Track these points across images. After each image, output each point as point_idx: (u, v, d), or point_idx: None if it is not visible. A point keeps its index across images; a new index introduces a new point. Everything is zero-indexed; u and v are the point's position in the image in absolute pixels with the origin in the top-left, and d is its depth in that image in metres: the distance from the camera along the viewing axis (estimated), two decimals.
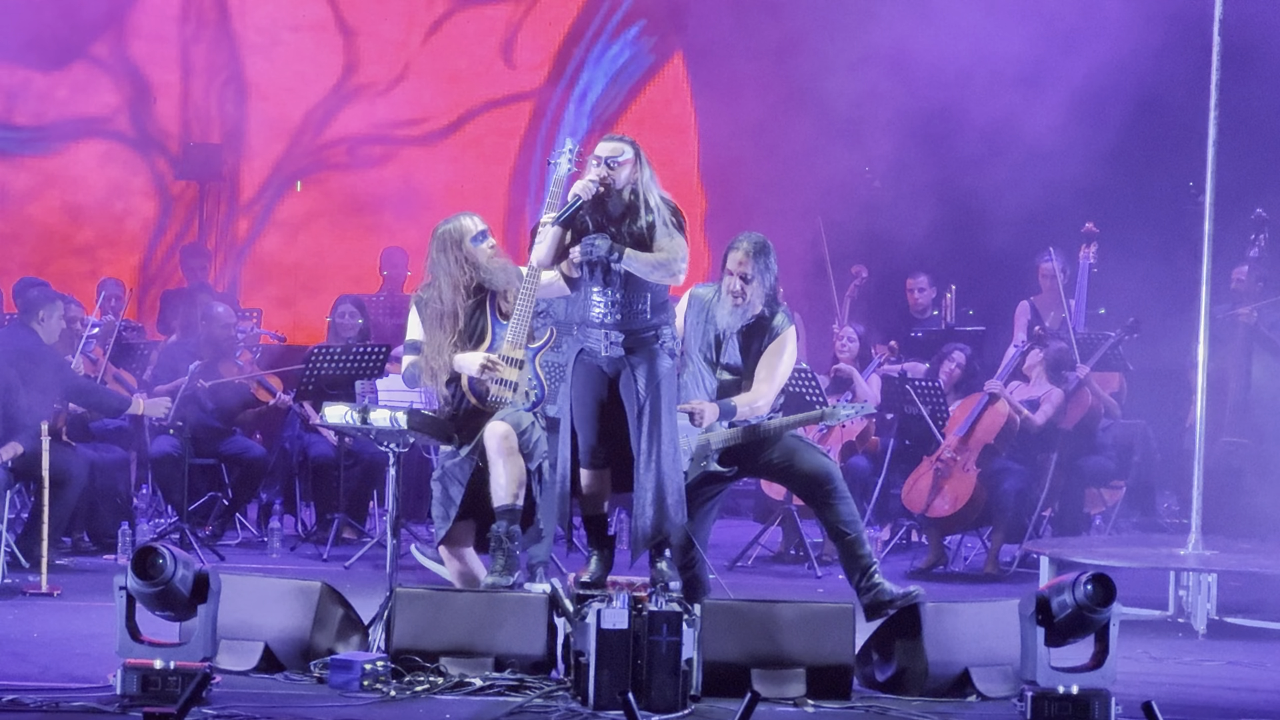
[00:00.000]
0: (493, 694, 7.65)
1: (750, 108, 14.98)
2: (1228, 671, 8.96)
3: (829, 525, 8.54)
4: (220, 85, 12.91)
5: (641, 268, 7.97)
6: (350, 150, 13.25)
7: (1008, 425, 11.95)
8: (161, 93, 12.23)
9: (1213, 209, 10.35)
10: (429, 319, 8.55)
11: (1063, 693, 7.43)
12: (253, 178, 13.17)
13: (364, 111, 13.22)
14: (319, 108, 13.21)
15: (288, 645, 8.04)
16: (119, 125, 12.62)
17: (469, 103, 13.47)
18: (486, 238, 8.56)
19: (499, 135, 13.65)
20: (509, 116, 13.72)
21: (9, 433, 10.62)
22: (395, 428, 8.39)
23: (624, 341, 8.04)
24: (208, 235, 14.30)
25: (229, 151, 13.02)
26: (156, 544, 7.44)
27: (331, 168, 13.30)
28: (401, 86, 13.27)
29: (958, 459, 11.85)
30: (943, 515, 11.79)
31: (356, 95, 13.10)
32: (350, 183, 13.18)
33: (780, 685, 7.80)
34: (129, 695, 7.29)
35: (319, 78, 13.00)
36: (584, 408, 8.14)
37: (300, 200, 13.14)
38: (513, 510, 8.29)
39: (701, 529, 8.65)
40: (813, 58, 14.37)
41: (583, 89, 14.67)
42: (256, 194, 13.27)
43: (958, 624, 8.11)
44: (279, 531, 12.09)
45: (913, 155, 14.92)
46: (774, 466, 8.67)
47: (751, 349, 8.59)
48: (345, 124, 13.24)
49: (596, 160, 8.02)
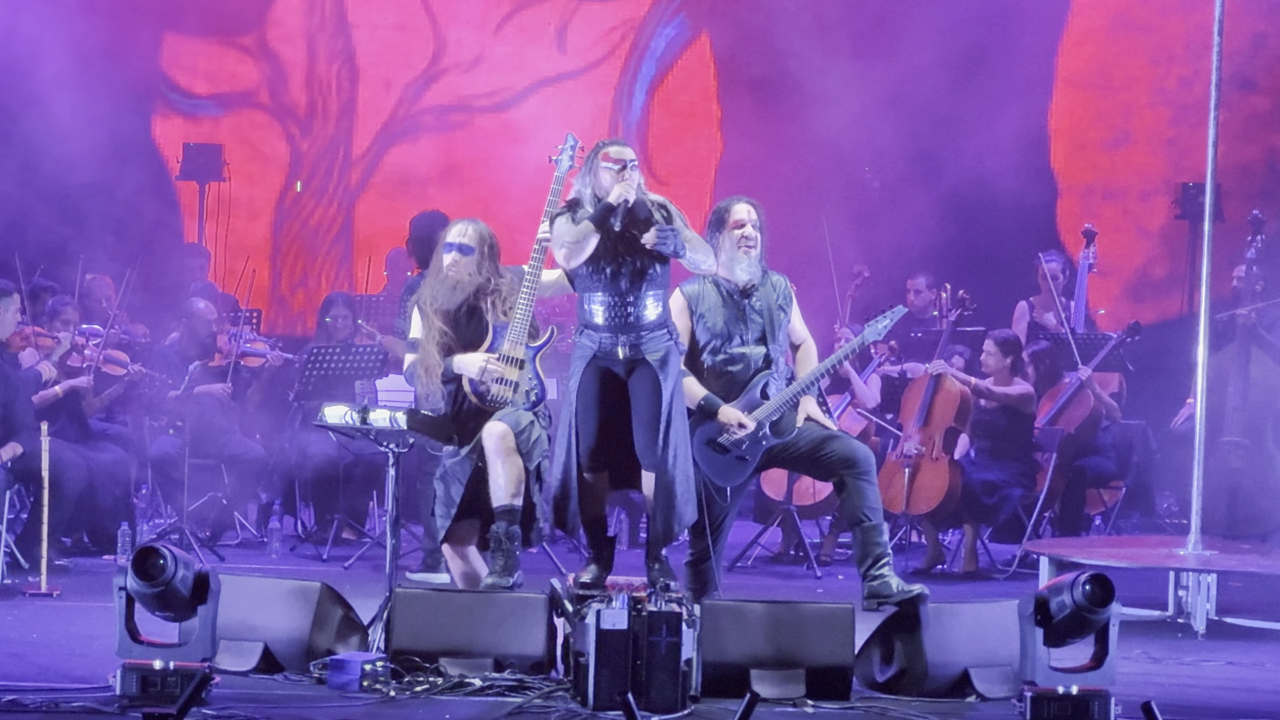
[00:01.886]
0: (492, 694, 7.66)
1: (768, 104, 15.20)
2: (1227, 672, 8.97)
3: (850, 509, 8.46)
4: (338, 66, 15.41)
5: (697, 256, 8.05)
6: (438, 116, 15.69)
7: (963, 402, 11.90)
8: (292, 71, 14.82)
9: (1212, 209, 10.36)
10: (422, 315, 8.58)
11: (1062, 693, 7.43)
12: (361, 139, 15.66)
13: (448, 86, 15.61)
14: (412, 84, 15.60)
15: (287, 646, 8.04)
16: (261, 97, 15.26)
17: (529, 80, 15.49)
18: (452, 250, 8.54)
19: (556, 111, 15.51)
20: (565, 93, 15.55)
21: (8, 433, 10.61)
22: (395, 428, 8.39)
23: (638, 341, 8.03)
24: (204, 234, 15.40)
25: (343, 118, 15.60)
26: (157, 544, 7.44)
27: (423, 130, 15.72)
28: (479, 67, 15.59)
29: (923, 450, 11.83)
30: (927, 510, 11.76)
31: (442, 74, 15.56)
32: (437, 145, 15.61)
33: (780, 686, 7.80)
34: (128, 696, 7.29)
35: (413, 60, 15.53)
36: (588, 410, 8.11)
37: (395, 161, 15.67)
38: (512, 510, 8.29)
39: (722, 527, 8.64)
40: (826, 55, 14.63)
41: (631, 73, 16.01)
42: (362, 153, 15.69)
43: (957, 625, 8.11)
44: (278, 532, 12.09)
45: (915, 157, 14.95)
46: (803, 453, 8.57)
47: (770, 314, 8.58)
48: (433, 97, 15.68)
49: (620, 164, 8.02)
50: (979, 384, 11.99)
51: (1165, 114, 15.64)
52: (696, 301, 8.53)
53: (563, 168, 8.48)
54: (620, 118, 15.81)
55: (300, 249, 15.87)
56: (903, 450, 11.83)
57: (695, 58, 16.05)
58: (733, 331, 8.53)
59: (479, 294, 8.54)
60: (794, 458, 8.68)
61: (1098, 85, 15.82)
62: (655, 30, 15.94)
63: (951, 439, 11.88)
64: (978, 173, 14.37)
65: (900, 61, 14.61)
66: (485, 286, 8.54)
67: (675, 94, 16.08)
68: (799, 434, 8.57)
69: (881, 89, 14.60)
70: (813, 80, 14.49)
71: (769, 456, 8.61)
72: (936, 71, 14.62)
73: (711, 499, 8.44)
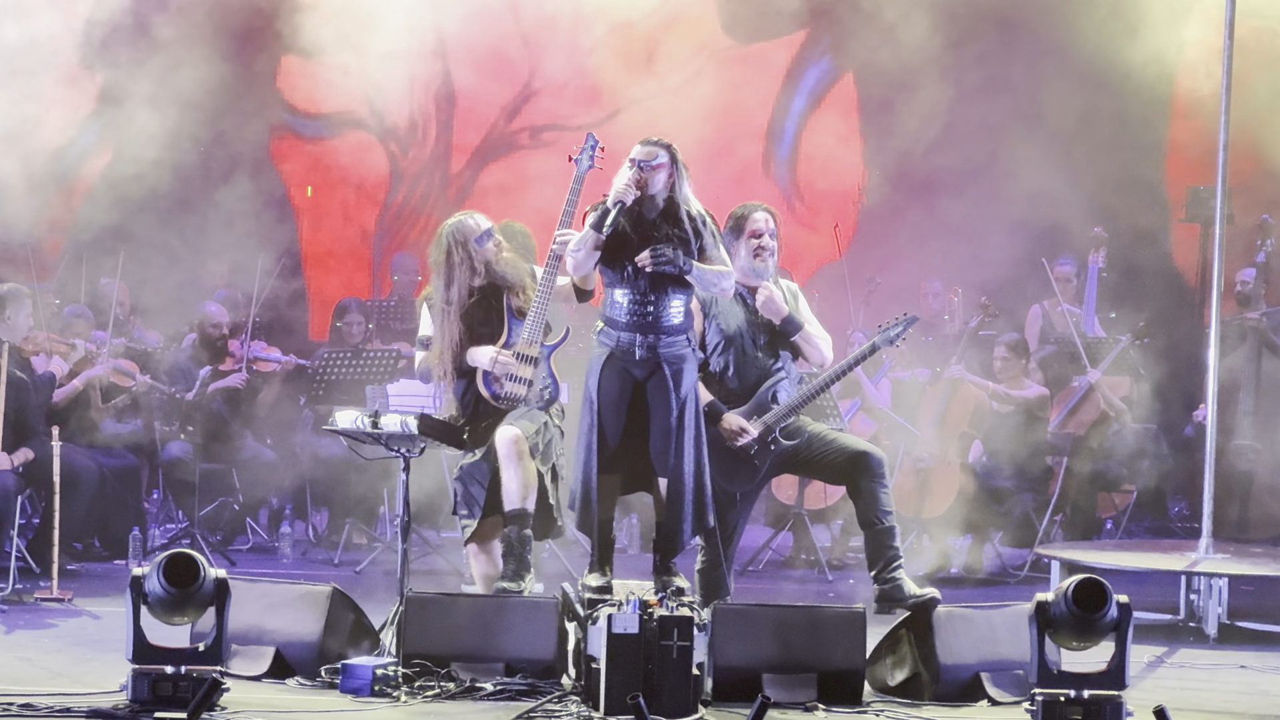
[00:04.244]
0: (504, 699, 7.66)
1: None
2: (1239, 675, 8.96)
3: (863, 512, 8.45)
4: (434, 91, 15.63)
5: (707, 279, 7.95)
6: (531, 135, 15.98)
7: (978, 407, 11.88)
8: (391, 95, 14.93)
9: (1222, 211, 10.34)
10: (435, 316, 8.58)
11: (1074, 697, 7.42)
12: (459, 157, 15.99)
13: (541, 107, 15.90)
14: (509, 104, 15.90)
15: (299, 650, 8.05)
16: (362, 115, 15.50)
17: (619, 101, 15.48)
18: (490, 237, 8.56)
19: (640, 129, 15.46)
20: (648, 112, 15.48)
21: (20, 438, 10.62)
22: (406, 432, 8.39)
23: (656, 343, 8.00)
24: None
25: (441, 135, 15.91)
26: (191, 551, 7.43)
27: (518, 148, 15.97)
28: (570, 87, 15.73)
29: (937, 454, 11.82)
30: (938, 514, 11.76)
31: (536, 94, 15.85)
32: (530, 160, 15.69)
33: (791, 690, 7.80)
34: (139, 700, 7.28)
35: (508, 82, 15.81)
36: (609, 412, 8.06)
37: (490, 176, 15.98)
38: (523, 514, 8.29)
39: (738, 529, 8.64)
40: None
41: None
42: (461, 169, 16.00)
43: (969, 629, 8.10)
44: (290, 536, 12.09)
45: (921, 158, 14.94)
46: (814, 457, 8.56)
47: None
48: (526, 117, 15.99)
49: (630, 163, 7.97)
50: (995, 388, 11.98)
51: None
52: (710, 304, 8.54)
53: (582, 167, 8.46)
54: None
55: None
56: (916, 454, 11.83)
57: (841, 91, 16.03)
58: (745, 334, 8.53)
59: (508, 280, 8.53)
60: (806, 462, 8.66)
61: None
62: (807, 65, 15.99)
63: (965, 444, 11.87)
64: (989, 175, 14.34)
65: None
66: (514, 274, 8.55)
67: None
68: (811, 439, 8.56)
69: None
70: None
71: (781, 461, 8.60)
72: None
73: (722, 505, 8.42)
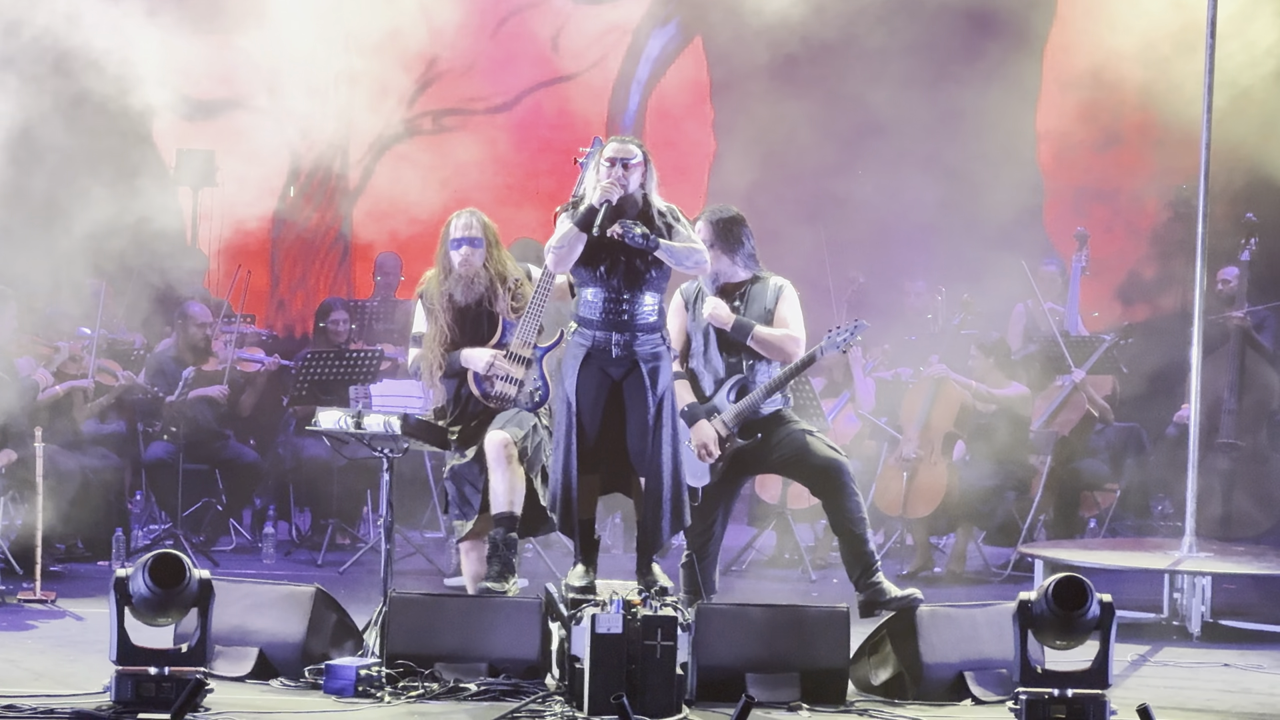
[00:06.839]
0: (488, 699, 7.66)
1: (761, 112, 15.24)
2: (1222, 673, 8.98)
3: (835, 519, 8.48)
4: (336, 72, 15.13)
5: (677, 254, 7.91)
6: (433, 120, 15.85)
7: (964, 407, 11.90)
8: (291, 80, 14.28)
9: (1204, 210, 10.36)
10: (427, 312, 8.57)
11: (1058, 696, 7.43)
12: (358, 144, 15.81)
13: (444, 91, 15.75)
14: (409, 88, 15.62)
15: (282, 651, 8.04)
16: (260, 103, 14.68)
17: (525, 84, 15.55)
18: (461, 246, 8.51)
19: (551, 112, 15.67)
20: (558, 95, 15.63)
21: (2, 440, 10.59)
22: (389, 432, 8.38)
23: (634, 343, 8.00)
24: (196, 239, 15.35)
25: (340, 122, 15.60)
26: (176, 552, 7.42)
27: (419, 134, 15.81)
28: (473, 71, 15.70)
29: (922, 454, 11.83)
30: (924, 515, 11.76)
31: (439, 79, 15.67)
32: (431, 145, 15.57)
33: (775, 689, 7.80)
34: (123, 702, 7.27)
35: (410, 68, 15.39)
36: (586, 411, 8.04)
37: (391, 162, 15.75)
38: (511, 517, 8.28)
39: (718, 528, 8.64)
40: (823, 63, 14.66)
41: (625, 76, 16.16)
42: (362, 155, 15.81)
43: (952, 628, 8.11)
44: (273, 537, 12.07)
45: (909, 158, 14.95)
46: (786, 459, 8.59)
47: (752, 311, 8.57)
48: (429, 101, 15.82)
49: (611, 162, 7.96)
50: (978, 387, 11.99)
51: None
52: (693, 301, 8.55)
53: (588, 170, 8.45)
54: (617, 119, 15.90)
55: (298, 253, 15.96)
56: (902, 454, 11.84)
57: (689, 60, 16.12)
58: (719, 332, 8.54)
59: (493, 286, 8.52)
60: (775, 462, 8.69)
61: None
62: (650, 33, 16.06)
63: (949, 443, 11.88)
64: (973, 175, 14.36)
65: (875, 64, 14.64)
66: (502, 275, 8.53)
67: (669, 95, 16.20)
68: (780, 440, 8.56)
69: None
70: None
71: (743, 459, 8.60)
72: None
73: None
